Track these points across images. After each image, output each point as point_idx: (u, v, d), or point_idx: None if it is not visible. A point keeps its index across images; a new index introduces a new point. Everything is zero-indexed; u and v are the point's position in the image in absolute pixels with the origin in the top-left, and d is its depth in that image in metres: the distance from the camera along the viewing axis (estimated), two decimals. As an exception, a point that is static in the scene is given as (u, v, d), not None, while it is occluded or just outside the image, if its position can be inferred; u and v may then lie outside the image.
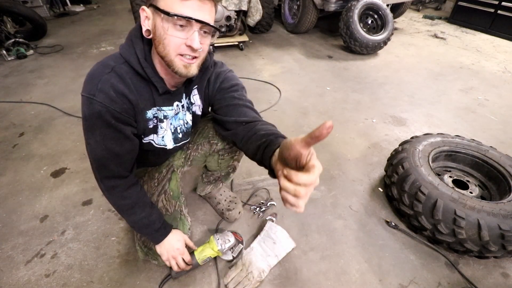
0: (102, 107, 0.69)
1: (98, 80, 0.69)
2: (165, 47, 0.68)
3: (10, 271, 1.08)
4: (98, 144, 0.74)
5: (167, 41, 0.67)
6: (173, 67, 0.70)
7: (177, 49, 0.68)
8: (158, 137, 0.89)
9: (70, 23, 4.21)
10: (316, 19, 3.57)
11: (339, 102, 2.30)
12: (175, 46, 0.67)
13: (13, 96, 2.28)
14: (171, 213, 1.02)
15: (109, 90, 0.70)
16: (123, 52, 0.74)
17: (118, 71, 0.72)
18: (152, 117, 0.83)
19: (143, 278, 1.06)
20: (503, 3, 3.71)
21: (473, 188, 1.28)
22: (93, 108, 0.69)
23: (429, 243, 1.21)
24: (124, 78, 0.72)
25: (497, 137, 1.93)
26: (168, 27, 0.66)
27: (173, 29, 0.66)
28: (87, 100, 0.70)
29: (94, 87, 0.69)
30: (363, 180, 1.54)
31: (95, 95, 0.69)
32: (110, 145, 0.75)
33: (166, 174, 1.08)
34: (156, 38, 0.69)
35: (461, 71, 2.90)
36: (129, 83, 0.73)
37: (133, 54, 0.73)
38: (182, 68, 0.70)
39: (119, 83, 0.71)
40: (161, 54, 0.70)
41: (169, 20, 0.65)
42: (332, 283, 1.07)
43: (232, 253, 1.11)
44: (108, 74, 0.70)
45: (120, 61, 0.73)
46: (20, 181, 1.49)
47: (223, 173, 1.19)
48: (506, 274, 1.12)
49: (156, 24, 0.68)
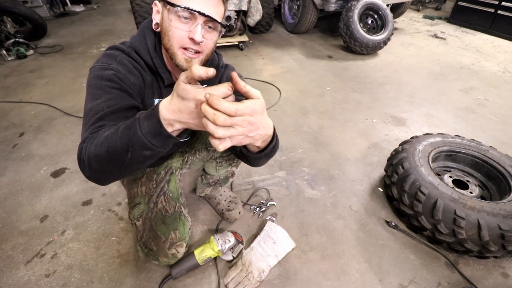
0: (117, 73, 0.71)
1: (115, 56, 0.72)
2: (170, 39, 0.70)
3: (10, 271, 1.08)
4: (99, 100, 0.66)
5: (171, 33, 0.69)
6: (175, 59, 0.71)
7: (180, 42, 0.69)
8: None
9: (70, 23, 4.21)
10: (316, 19, 3.57)
11: (339, 102, 2.30)
12: (179, 38, 0.69)
13: (13, 96, 2.28)
14: (171, 214, 1.02)
15: (127, 63, 0.73)
16: (133, 42, 0.77)
17: (132, 55, 0.75)
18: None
19: (143, 278, 1.06)
20: (503, 3, 3.71)
21: (473, 188, 1.28)
22: (106, 73, 0.70)
23: (429, 243, 1.21)
24: (133, 63, 0.75)
25: (497, 137, 1.93)
26: (172, 19, 0.67)
27: (177, 21, 0.67)
28: (101, 67, 0.70)
29: (112, 59, 0.72)
30: (363, 180, 1.54)
31: (112, 64, 0.71)
32: (112, 101, 0.67)
33: (165, 176, 1.08)
34: (163, 30, 0.71)
35: (461, 71, 2.90)
36: (138, 68, 0.76)
37: (143, 45, 0.76)
38: (184, 61, 0.71)
39: (131, 65, 0.74)
40: (166, 46, 0.72)
41: (174, 12, 0.67)
42: (332, 283, 1.07)
43: (232, 253, 1.11)
44: (123, 55, 0.74)
45: (129, 49, 0.76)
46: (20, 181, 1.49)
47: (222, 177, 1.20)
48: (506, 274, 1.12)
49: (163, 16, 0.70)
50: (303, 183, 1.52)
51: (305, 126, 1.98)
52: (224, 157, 1.09)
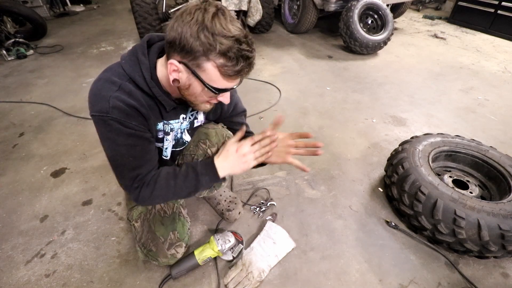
0: (119, 123, 0.69)
1: (108, 98, 0.68)
2: (197, 98, 0.75)
3: (10, 271, 1.08)
4: (124, 156, 0.74)
5: (201, 98, 0.74)
6: (196, 107, 0.80)
7: (206, 100, 0.76)
8: (163, 147, 0.92)
9: (70, 23, 4.21)
10: (316, 19, 3.56)
11: (339, 102, 2.30)
12: (205, 100, 0.76)
13: (13, 96, 2.28)
14: (170, 215, 1.02)
15: (122, 105, 0.69)
16: (127, 69, 0.72)
17: (125, 88, 0.71)
18: (162, 129, 0.86)
19: (143, 278, 1.06)
20: (503, 3, 3.70)
21: (473, 188, 1.28)
22: (111, 126, 0.69)
23: (429, 243, 1.21)
24: (132, 94, 0.72)
25: (497, 137, 1.93)
26: (206, 91, 0.71)
27: (210, 93, 0.72)
28: (100, 120, 0.69)
29: (106, 106, 0.68)
30: (363, 180, 1.54)
31: (108, 113, 0.68)
32: (136, 153, 0.76)
33: None
34: (189, 92, 0.73)
35: (461, 71, 2.90)
36: (139, 98, 0.73)
37: (138, 72, 0.72)
38: (204, 108, 0.80)
39: (130, 99, 0.71)
40: (188, 99, 0.76)
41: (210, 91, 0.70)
42: (332, 283, 1.07)
43: (232, 253, 1.11)
44: (117, 92, 0.69)
45: (124, 78, 0.72)
46: (20, 181, 1.49)
47: None
48: (506, 274, 1.12)
49: (192, 84, 0.70)
50: (303, 183, 1.52)
51: (305, 126, 1.98)
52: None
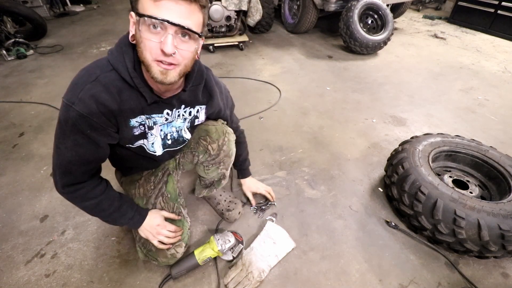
0: (79, 116, 0.69)
1: (80, 89, 0.68)
2: (143, 51, 0.65)
3: (10, 271, 1.08)
4: (68, 150, 0.73)
5: (143, 45, 0.64)
6: (151, 72, 0.67)
7: (153, 54, 0.64)
8: (148, 142, 0.88)
9: (70, 23, 4.21)
10: (316, 19, 3.56)
11: (339, 102, 2.30)
12: (151, 50, 0.64)
13: (13, 96, 2.28)
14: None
15: (89, 100, 0.68)
16: (111, 59, 0.71)
17: (102, 80, 0.69)
18: (138, 125, 0.81)
19: (143, 278, 1.06)
20: (503, 3, 3.71)
21: (473, 188, 1.28)
22: (70, 115, 0.69)
23: (429, 243, 1.21)
24: (108, 87, 0.70)
25: (497, 137, 1.93)
26: (143, 30, 0.63)
27: (147, 32, 0.63)
28: (65, 106, 0.69)
29: (75, 95, 0.68)
30: (363, 180, 1.54)
31: (74, 103, 0.68)
32: (81, 152, 0.74)
33: (162, 177, 1.09)
34: (137, 42, 0.66)
35: (461, 71, 2.90)
36: (113, 92, 0.71)
37: (121, 62, 0.70)
38: (159, 74, 0.66)
39: (102, 93, 0.69)
40: (141, 59, 0.67)
41: (143, 22, 0.62)
42: (332, 283, 1.07)
43: (232, 253, 1.11)
44: (92, 83, 0.68)
45: (107, 68, 0.71)
46: (20, 181, 1.49)
47: (216, 179, 1.21)
48: (506, 274, 1.12)
49: (136, 28, 0.65)
50: (303, 183, 1.52)
51: (305, 126, 1.98)
52: (210, 161, 1.10)
